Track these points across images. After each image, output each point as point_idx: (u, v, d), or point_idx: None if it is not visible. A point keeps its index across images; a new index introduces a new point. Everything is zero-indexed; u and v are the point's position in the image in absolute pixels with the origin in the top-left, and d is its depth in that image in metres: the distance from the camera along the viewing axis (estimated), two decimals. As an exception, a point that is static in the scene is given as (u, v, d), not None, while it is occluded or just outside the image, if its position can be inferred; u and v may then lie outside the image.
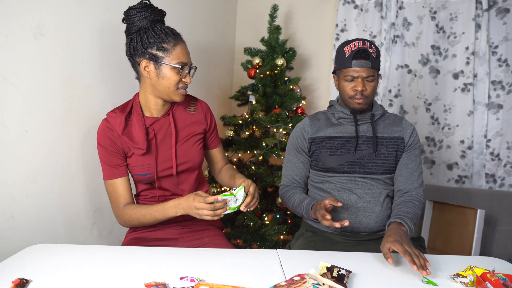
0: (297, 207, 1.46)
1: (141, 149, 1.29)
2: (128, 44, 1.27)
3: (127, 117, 1.30)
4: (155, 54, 1.23)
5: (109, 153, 1.30)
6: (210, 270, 1.04)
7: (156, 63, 1.24)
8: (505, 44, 2.38)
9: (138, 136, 1.29)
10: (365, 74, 1.40)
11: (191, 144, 1.38)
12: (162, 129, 1.34)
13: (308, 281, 0.92)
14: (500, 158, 2.41)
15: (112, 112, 1.31)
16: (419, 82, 2.56)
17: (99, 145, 1.31)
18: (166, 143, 1.35)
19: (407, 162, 1.48)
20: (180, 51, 1.25)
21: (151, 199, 1.40)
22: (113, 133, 1.29)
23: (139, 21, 1.24)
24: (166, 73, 1.25)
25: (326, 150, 1.47)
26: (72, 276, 0.97)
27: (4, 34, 1.15)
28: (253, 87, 2.33)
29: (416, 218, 1.36)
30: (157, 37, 1.23)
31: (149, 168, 1.32)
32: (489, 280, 0.94)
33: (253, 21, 2.91)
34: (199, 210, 1.17)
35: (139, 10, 1.24)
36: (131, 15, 1.25)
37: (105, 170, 1.32)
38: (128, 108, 1.32)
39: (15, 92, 1.21)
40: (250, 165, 2.30)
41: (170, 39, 1.24)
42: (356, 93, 1.42)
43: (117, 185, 1.32)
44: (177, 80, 1.26)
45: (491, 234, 2.18)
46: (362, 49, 1.39)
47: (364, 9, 2.63)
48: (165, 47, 1.23)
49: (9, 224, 1.22)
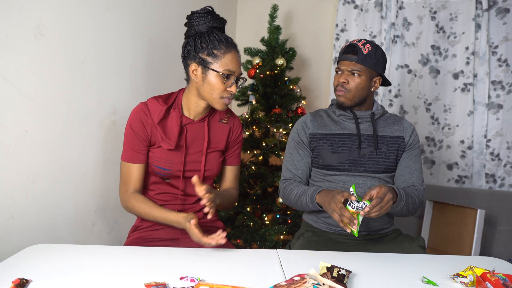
0: (301, 196, 1.41)
1: (170, 144, 1.30)
2: (184, 46, 1.30)
3: (167, 109, 1.31)
4: (204, 59, 1.25)
5: (136, 137, 1.30)
6: (210, 270, 1.04)
7: (204, 68, 1.25)
8: (505, 44, 2.38)
9: (172, 130, 1.31)
10: (350, 68, 1.44)
11: (215, 154, 1.41)
12: (195, 132, 1.36)
13: (308, 281, 0.92)
14: (500, 158, 2.41)
15: (154, 99, 1.31)
16: (419, 82, 2.56)
17: (129, 126, 1.31)
18: (195, 147, 1.36)
19: (407, 162, 1.48)
20: (230, 59, 1.26)
21: (157, 195, 1.40)
22: (147, 118, 1.30)
23: (198, 26, 1.27)
24: (212, 79, 1.25)
25: (328, 147, 1.47)
26: (72, 276, 0.97)
27: (4, 34, 1.15)
28: (253, 87, 2.33)
29: (412, 202, 1.35)
30: (210, 43, 1.24)
31: (170, 164, 1.33)
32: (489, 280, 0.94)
33: (253, 21, 2.91)
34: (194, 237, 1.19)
35: (200, 15, 1.27)
36: (192, 19, 1.28)
37: (126, 151, 1.33)
38: (170, 101, 1.33)
39: (15, 92, 1.21)
40: (250, 165, 2.30)
41: (222, 46, 1.25)
42: (338, 84, 1.46)
43: (133, 169, 1.33)
44: (221, 88, 1.26)
45: (491, 234, 2.18)
46: (352, 44, 1.44)
47: (364, 9, 2.63)
48: (215, 53, 1.24)
49: (9, 224, 1.22)
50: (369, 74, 1.45)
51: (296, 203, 1.45)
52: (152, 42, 1.83)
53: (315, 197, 1.35)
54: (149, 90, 1.82)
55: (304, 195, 1.40)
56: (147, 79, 1.83)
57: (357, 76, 1.44)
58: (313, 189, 1.37)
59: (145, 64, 1.82)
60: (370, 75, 1.46)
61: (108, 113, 1.62)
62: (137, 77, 1.78)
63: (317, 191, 1.35)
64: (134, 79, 1.76)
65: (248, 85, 2.39)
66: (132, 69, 1.74)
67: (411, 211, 1.39)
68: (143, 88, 1.81)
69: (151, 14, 1.83)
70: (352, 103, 1.47)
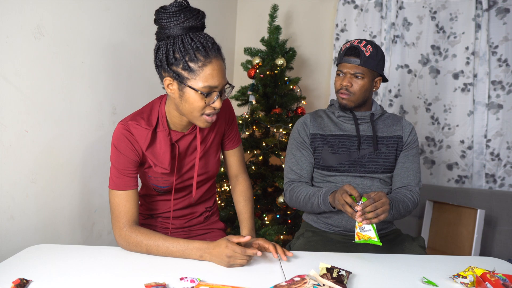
0: (311, 197, 1.39)
1: (165, 169, 1.19)
2: (155, 52, 1.09)
3: (153, 130, 1.17)
4: (180, 74, 1.05)
5: (126, 159, 1.14)
6: (210, 270, 1.04)
7: (180, 83, 1.06)
8: (505, 44, 2.38)
9: (163, 155, 1.19)
10: (353, 71, 1.43)
11: (211, 154, 1.31)
12: (186, 144, 1.24)
13: (309, 282, 0.92)
14: (500, 158, 2.41)
15: (135, 123, 1.15)
16: (419, 82, 2.56)
17: (114, 149, 1.14)
18: (189, 157, 1.27)
19: (404, 161, 1.48)
20: (210, 72, 1.04)
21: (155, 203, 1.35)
22: (134, 138, 1.15)
23: (170, 28, 1.04)
24: (190, 96, 1.06)
25: (328, 148, 1.47)
26: (72, 276, 0.97)
27: (4, 34, 1.15)
28: (253, 87, 2.33)
29: (403, 207, 1.36)
30: (185, 53, 1.03)
31: (168, 181, 1.26)
32: (489, 280, 0.94)
33: (253, 21, 2.90)
34: (231, 258, 1.05)
35: (171, 14, 1.03)
36: (162, 19, 1.05)
37: (114, 178, 1.15)
38: (153, 119, 1.17)
39: (15, 92, 1.21)
40: (250, 165, 2.30)
41: (200, 57, 1.03)
42: (341, 87, 1.45)
43: (125, 198, 1.15)
44: (201, 106, 1.07)
45: (491, 234, 2.18)
46: (354, 46, 1.43)
47: (364, 9, 2.63)
48: (192, 66, 1.03)
49: (9, 224, 1.22)
50: (371, 75, 1.45)
51: (306, 205, 1.43)
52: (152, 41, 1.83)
53: (328, 197, 1.33)
54: (149, 90, 1.82)
55: (315, 196, 1.38)
56: (147, 79, 1.83)
57: (360, 78, 1.43)
58: (324, 190, 1.36)
59: (145, 64, 1.82)
60: (372, 77, 1.45)
61: (108, 113, 1.62)
62: (137, 77, 1.78)
63: (330, 192, 1.33)
64: (134, 79, 1.76)
65: (248, 85, 2.39)
66: (132, 69, 1.74)
67: (404, 215, 1.40)
68: (143, 88, 1.81)
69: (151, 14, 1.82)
70: (355, 105, 1.47)
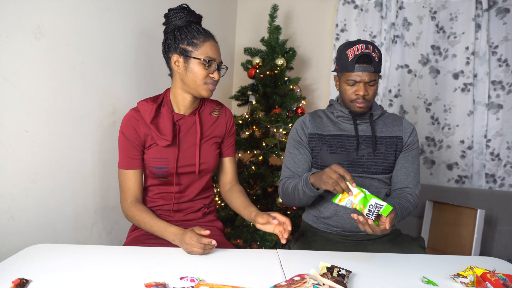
0: (297, 184, 1.38)
1: (166, 140, 1.32)
2: (164, 42, 1.35)
3: (157, 108, 1.35)
4: (185, 49, 1.30)
5: (130, 144, 1.33)
6: (210, 270, 1.04)
7: (186, 57, 1.30)
8: (505, 44, 2.38)
9: (165, 127, 1.33)
10: (368, 79, 1.39)
11: (209, 146, 1.42)
12: (187, 126, 1.38)
13: (308, 281, 0.92)
14: (500, 158, 2.41)
15: (144, 101, 1.35)
16: (419, 82, 2.56)
17: (121, 134, 1.34)
18: (189, 141, 1.38)
19: (404, 162, 1.47)
20: (210, 47, 1.31)
21: (157, 195, 1.40)
22: (138, 123, 1.32)
23: (176, 20, 1.33)
24: (194, 67, 1.30)
25: (326, 148, 1.47)
26: (72, 276, 0.97)
27: (4, 34, 1.15)
28: (253, 87, 2.33)
29: (407, 213, 1.37)
30: (189, 34, 1.30)
31: (166, 163, 1.34)
32: (489, 280, 0.94)
33: (253, 21, 2.90)
34: (188, 246, 1.15)
35: (177, 11, 1.33)
36: (169, 16, 1.34)
37: (122, 159, 1.36)
38: (159, 100, 1.37)
39: (15, 92, 1.21)
40: (250, 165, 2.30)
41: (201, 36, 1.31)
42: (358, 97, 1.42)
43: (129, 176, 1.35)
44: (204, 75, 1.30)
45: (491, 234, 2.18)
46: (365, 53, 1.37)
47: (364, 9, 2.63)
48: (195, 42, 1.30)
49: (9, 224, 1.22)
50: (378, 78, 1.46)
51: (294, 195, 1.40)
52: (152, 41, 1.83)
53: (309, 177, 1.31)
54: (149, 90, 1.82)
55: (300, 181, 1.37)
56: (147, 79, 1.83)
57: (373, 84, 1.42)
58: (307, 173, 1.35)
59: (145, 64, 1.82)
60: (378, 79, 1.46)
61: (108, 113, 1.62)
62: (137, 77, 1.78)
63: (311, 173, 1.32)
64: (134, 79, 1.76)
65: (248, 85, 2.39)
66: (132, 69, 1.74)
67: (404, 217, 1.40)
68: (143, 88, 1.81)
69: (151, 13, 1.83)
70: (368, 109, 1.48)
